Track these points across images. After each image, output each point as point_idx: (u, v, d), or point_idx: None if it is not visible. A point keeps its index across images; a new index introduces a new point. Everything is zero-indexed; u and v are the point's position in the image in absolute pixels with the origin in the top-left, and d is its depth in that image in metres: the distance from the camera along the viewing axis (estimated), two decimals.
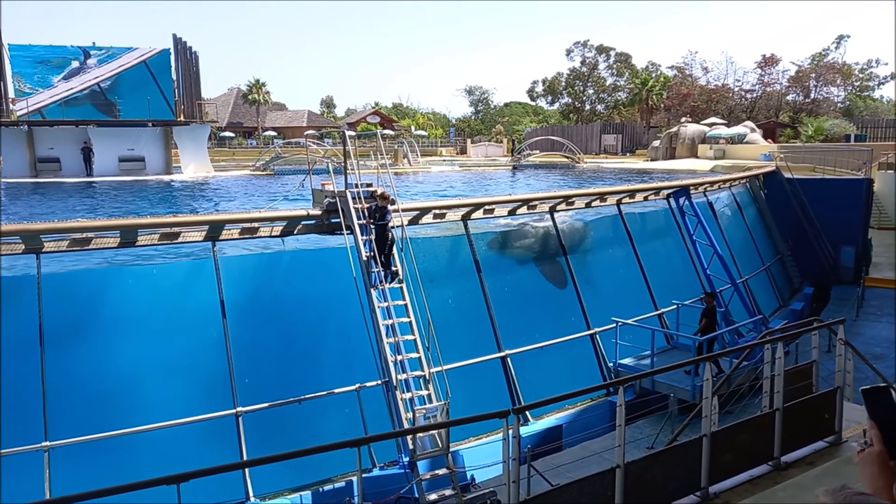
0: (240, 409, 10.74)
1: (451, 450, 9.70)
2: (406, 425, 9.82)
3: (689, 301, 16.76)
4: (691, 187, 19.10)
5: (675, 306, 16.02)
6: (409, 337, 10.72)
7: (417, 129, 74.99)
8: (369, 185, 12.13)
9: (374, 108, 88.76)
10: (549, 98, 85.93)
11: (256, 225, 12.00)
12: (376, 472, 10.37)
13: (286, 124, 76.14)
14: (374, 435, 10.32)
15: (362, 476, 6.05)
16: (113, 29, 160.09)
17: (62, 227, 10.47)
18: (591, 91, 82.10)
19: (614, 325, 14.28)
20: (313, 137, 51.93)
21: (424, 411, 9.63)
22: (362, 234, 11.38)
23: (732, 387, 10.69)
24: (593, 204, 17.27)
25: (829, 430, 7.96)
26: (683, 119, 58.26)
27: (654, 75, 72.33)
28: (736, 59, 74.44)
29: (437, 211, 13.90)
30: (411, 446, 9.32)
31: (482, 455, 10.10)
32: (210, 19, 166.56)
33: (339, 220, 11.79)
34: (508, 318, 14.08)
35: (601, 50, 79.42)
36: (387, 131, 61.99)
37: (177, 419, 10.24)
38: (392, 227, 11.37)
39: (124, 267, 12.11)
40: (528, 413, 12.74)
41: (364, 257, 11.17)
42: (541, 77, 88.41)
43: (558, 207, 16.22)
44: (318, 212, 12.12)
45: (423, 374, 10.54)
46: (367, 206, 11.51)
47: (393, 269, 11.24)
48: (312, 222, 12.27)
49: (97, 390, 10.46)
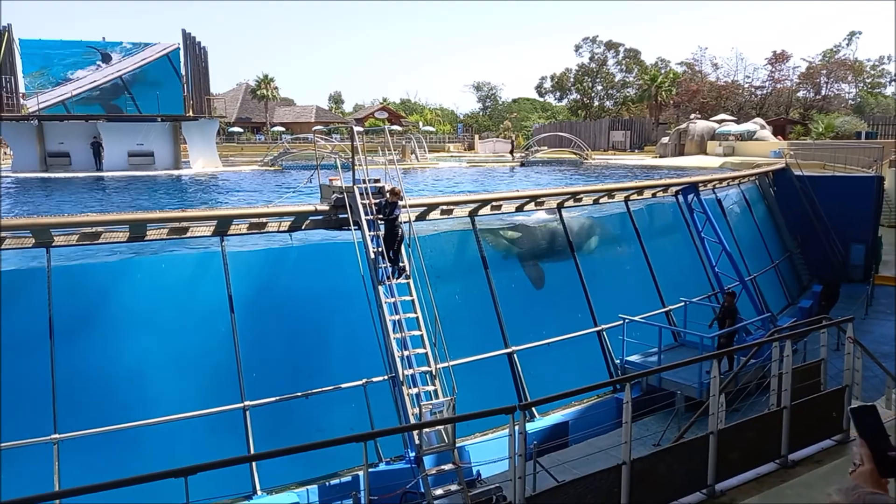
0: (247, 403, 10.79)
1: (457, 445, 9.72)
2: (412, 420, 9.85)
3: (696, 298, 16.73)
4: (700, 184, 19.01)
5: (682, 303, 15.97)
6: (416, 332, 10.73)
7: (425, 124, 74.94)
8: (377, 180, 12.14)
9: (382, 103, 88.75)
10: (558, 94, 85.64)
11: (264, 220, 12.03)
12: (382, 467, 10.42)
13: (294, 120, 76.24)
14: (380, 430, 10.38)
15: (368, 471, 6.08)
16: (122, 25, 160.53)
17: (72, 222, 10.53)
18: (599, 87, 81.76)
19: (621, 321, 14.25)
20: (321, 133, 52.02)
21: (431, 407, 9.65)
22: (370, 230, 11.40)
23: (740, 384, 10.66)
24: (601, 200, 17.22)
25: (837, 428, 7.93)
26: (693, 115, 57.88)
27: (663, 71, 71.95)
28: (746, 56, 74.14)
29: (445, 207, 13.90)
30: (417, 441, 9.34)
31: (488, 451, 10.11)
32: (219, 15, 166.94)
33: (346, 215, 11.80)
34: (515, 314, 14.07)
35: (610, 46, 79.06)
36: (394, 127, 62.00)
37: (185, 413, 10.30)
38: (400, 223, 11.38)
39: (133, 260, 12.17)
40: (534, 409, 12.74)
41: (372, 253, 11.19)
42: (549, 73, 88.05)
43: (566, 204, 16.18)
44: (325, 207, 12.14)
45: (429, 369, 10.56)
46: (376, 202, 11.53)
47: (400, 264, 11.25)
48: (320, 218, 12.29)
49: (106, 383, 10.53)
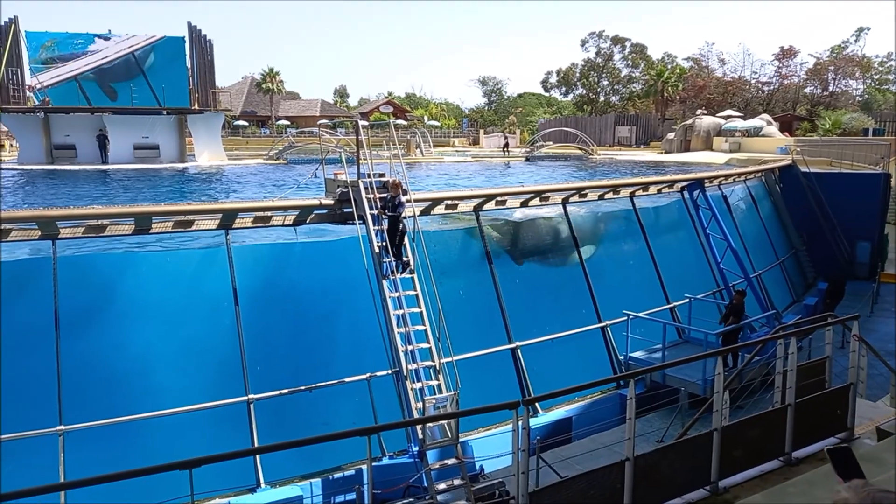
0: (251, 396, 10.83)
1: (461, 440, 9.74)
2: (416, 415, 9.87)
3: (701, 295, 16.69)
4: (706, 180, 18.95)
5: (687, 300, 15.94)
6: (420, 327, 10.75)
7: (430, 119, 74.81)
8: (382, 175, 12.13)
9: (387, 97, 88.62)
10: (563, 89, 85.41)
11: (269, 214, 12.05)
12: (386, 461, 10.45)
13: (299, 113, 76.24)
14: (384, 424, 10.38)
15: (372, 465, 6.09)
16: (128, 20, 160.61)
17: (78, 214, 10.57)
18: (605, 82, 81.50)
19: (625, 317, 14.23)
20: (326, 127, 51.99)
21: (434, 401, 9.67)
22: (374, 224, 11.40)
23: (744, 382, 10.64)
24: (606, 196, 17.18)
25: (842, 426, 7.90)
26: (699, 111, 57.68)
27: (669, 67, 71.65)
28: (753, 51, 73.55)
29: (450, 202, 13.89)
30: (421, 436, 9.36)
31: (491, 446, 10.12)
32: (225, 8, 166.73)
33: (351, 209, 11.81)
34: (519, 309, 14.07)
35: (616, 41, 78.76)
36: (399, 121, 61.95)
37: (189, 405, 10.34)
38: (404, 218, 11.38)
39: (139, 253, 12.20)
40: (537, 405, 12.76)
41: (376, 247, 11.19)
42: (555, 68, 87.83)
43: (571, 199, 16.15)
44: (330, 201, 12.15)
45: (433, 364, 10.57)
46: (381, 197, 11.53)
47: (404, 259, 11.26)
48: (325, 212, 12.30)
49: (111, 375, 10.57)
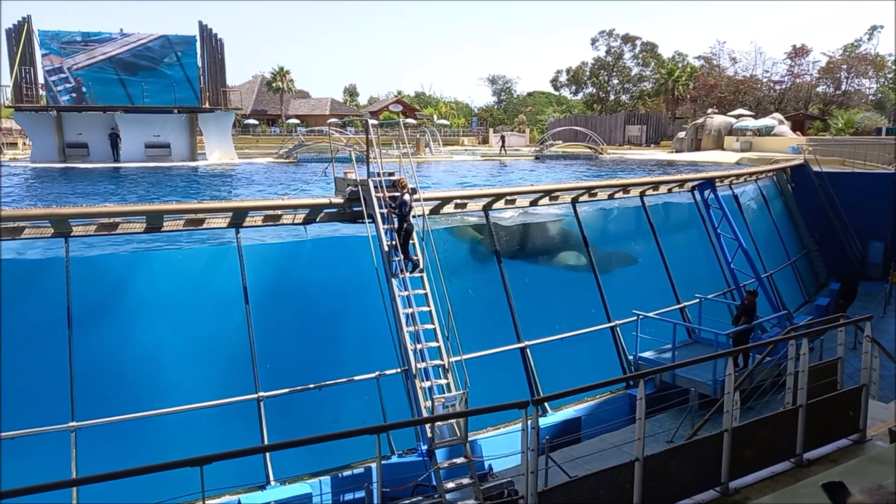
0: (261, 393, 10.88)
1: (470, 439, 9.74)
2: (425, 413, 9.88)
3: (712, 295, 16.61)
4: (717, 180, 18.84)
5: (697, 300, 15.87)
6: (429, 326, 10.75)
7: (440, 118, 74.81)
8: (391, 174, 12.14)
9: (396, 96, 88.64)
10: (573, 88, 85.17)
11: (279, 212, 12.09)
12: (395, 460, 10.46)
13: (309, 112, 76.41)
14: (393, 423, 10.41)
15: (381, 463, 6.10)
16: (139, 19, 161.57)
17: (90, 212, 10.65)
18: (615, 81, 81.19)
19: (635, 317, 14.19)
20: (336, 126, 52.06)
21: (443, 400, 9.67)
22: (384, 223, 11.42)
23: (755, 382, 10.58)
24: (616, 195, 17.12)
25: (854, 427, 7.85)
26: (710, 110, 57.35)
27: (680, 65, 71.26)
28: (765, 50, 73.23)
29: (459, 201, 13.88)
30: (430, 434, 9.37)
31: (500, 445, 10.12)
32: (235, 7, 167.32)
33: (360, 208, 11.83)
34: (528, 308, 14.05)
35: (627, 39, 78.43)
36: (409, 120, 61.90)
37: (200, 402, 10.40)
38: (414, 217, 11.39)
39: (150, 252, 12.29)
40: (546, 404, 12.74)
41: (385, 246, 11.21)
42: (565, 66, 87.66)
43: (580, 198, 16.11)
44: (340, 200, 12.18)
45: (442, 363, 10.58)
46: (390, 195, 11.54)
47: (413, 258, 11.27)
48: (334, 210, 12.33)
49: (123, 372, 10.65)
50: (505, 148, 51.17)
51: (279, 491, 10.02)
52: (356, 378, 11.51)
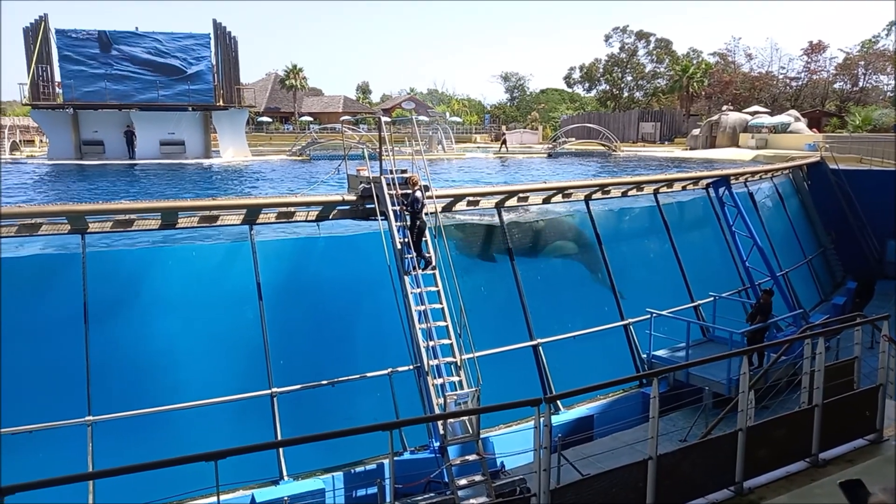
0: (275, 389, 10.95)
1: (482, 436, 9.74)
2: (437, 410, 9.89)
3: (726, 293, 16.49)
4: (731, 177, 18.69)
5: (711, 298, 15.76)
6: (441, 323, 10.76)
7: (452, 115, 74.74)
8: (404, 171, 12.16)
9: (409, 94, 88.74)
10: (587, 85, 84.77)
11: (292, 209, 12.15)
12: (407, 456, 10.48)
13: (322, 110, 76.63)
14: (406, 419, 10.44)
15: (394, 459, 6.12)
16: (153, 15, 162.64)
17: (106, 209, 10.75)
18: (629, 78, 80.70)
19: (649, 316, 14.11)
20: (349, 123, 52.19)
21: (455, 397, 9.68)
22: (396, 220, 11.44)
23: (770, 382, 10.49)
24: (629, 193, 17.03)
25: (870, 427, 7.77)
26: (725, 107, 56.87)
27: (695, 62, 70.69)
28: (781, 46, 71.95)
29: (471, 198, 13.87)
30: (442, 431, 9.38)
31: (512, 442, 10.13)
32: (248, 5, 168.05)
33: (373, 205, 11.86)
34: (541, 306, 14.02)
35: (641, 36, 77.93)
36: (421, 117, 61.91)
37: (214, 398, 10.48)
38: (426, 214, 11.39)
39: (164, 248, 12.39)
40: (559, 402, 12.71)
41: (398, 243, 11.23)
42: (578, 63, 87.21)
43: (593, 196, 16.03)
44: (353, 197, 12.21)
45: (454, 360, 10.59)
46: (403, 193, 11.56)
47: (426, 255, 11.27)
48: (347, 207, 12.37)
49: (138, 367, 10.75)
50: (506, 145, 50.79)
51: (292, 486, 10.07)
52: (369, 374, 11.55)
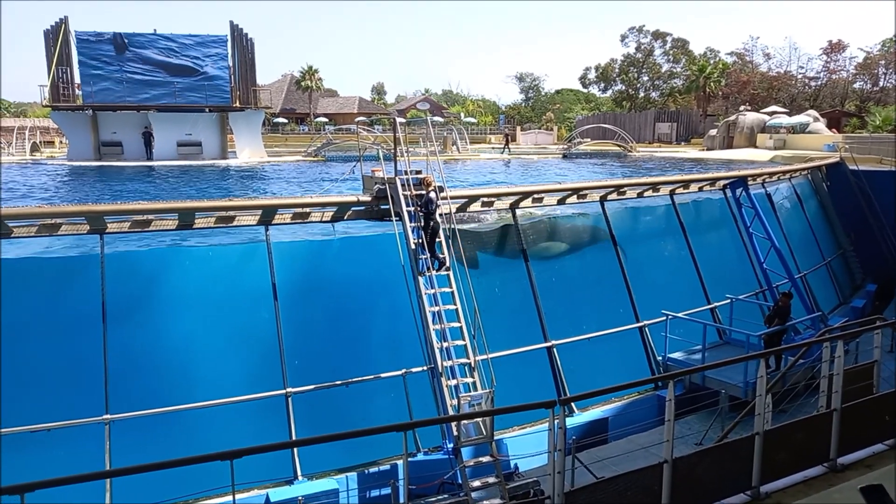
0: (289, 389, 11.00)
1: (496, 438, 9.72)
2: (450, 412, 9.89)
3: (743, 296, 16.33)
4: (749, 178, 18.52)
5: (728, 300, 15.62)
6: (455, 324, 10.76)
7: (467, 116, 74.75)
8: (418, 172, 12.18)
9: (424, 94, 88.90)
10: (602, 85, 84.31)
11: (308, 210, 12.21)
12: (421, 457, 10.49)
13: (337, 111, 76.99)
14: (420, 420, 10.45)
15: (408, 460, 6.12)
16: (170, 17, 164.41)
17: (124, 209, 10.87)
18: (645, 78, 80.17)
19: (664, 318, 14.01)
20: (364, 124, 52.40)
21: (469, 398, 9.67)
22: (411, 221, 11.45)
23: (787, 385, 10.38)
24: (645, 194, 16.92)
25: (890, 432, 7.66)
26: (742, 107, 56.34)
27: (712, 62, 70.10)
28: (800, 45, 71.24)
29: (486, 199, 13.85)
30: (456, 433, 9.37)
31: (526, 444, 10.09)
32: (264, 6, 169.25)
33: (388, 206, 11.88)
34: (555, 307, 13.97)
35: (657, 35, 77.40)
36: (436, 118, 61.99)
37: (230, 397, 10.56)
38: (441, 214, 11.40)
39: (181, 248, 12.50)
40: (573, 404, 12.66)
41: (412, 244, 11.24)
42: (594, 63, 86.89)
43: (609, 197, 15.95)
44: (367, 198, 12.25)
45: (468, 361, 10.58)
46: (417, 194, 11.57)
47: (440, 256, 11.28)
48: (362, 208, 12.41)
49: (155, 366, 10.86)
50: (510, 147, 50.39)
51: (306, 486, 10.12)
52: (383, 375, 11.57)
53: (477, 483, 9.06)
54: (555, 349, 13.41)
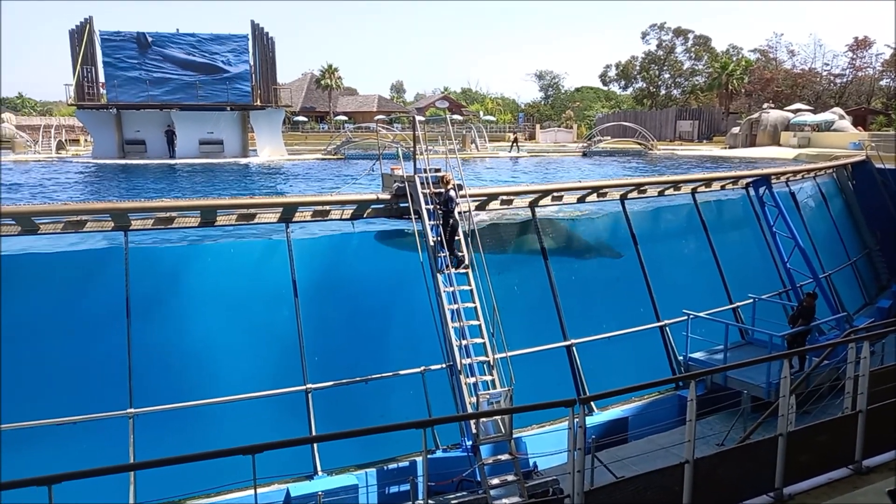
0: (310, 385, 11.08)
1: (514, 436, 9.71)
2: (469, 409, 9.89)
3: (766, 295, 16.13)
4: (772, 176, 18.27)
5: (751, 300, 15.44)
6: (474, 322, 10.75)
7: (486, 114, 74.63)
8: (438, 170, 12.19)
9: (443, 93, 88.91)
10: (623, 83, 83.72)
11: (328, 208, 12.28)
12: (440, 454, 10.51)
13: (357, 109, 77.27)
14: (439, 417, 10.47)
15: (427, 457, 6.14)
16: (192, 16, 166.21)
17: (148, 207, 11.02)
18: (666, 75, 79.45)
19: (686, 317, 13.88)
20: (383, 122, 52.50)
21: (488, 396, 9.67)
22: (430, 219, 11.47)
23: (811, 386, 10.23)
24: (666, 192, 16.76)
25: None
26: (766, 105, 55.57)
27: (735, 59, 69.26)
28: (825, 42, 70.03)
29: (505, 197, 13.83)
30: (474, 430, 9.38)
31: (544, 443, 10.07)
32: (285, 6, 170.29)
33: (407, 204, 11.91)
34: (575, 306, 13.90)
35: (679, 32, 76.65)
36: (455, 116, 61.95)
37: (251, 392, 10.66)
38: (460, 213, 11.40)
39: (203, 244, 12.64)
40: (592, 403, 12.60)
41: (431, 242, 11.26)
42: (614, 61, 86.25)
43: (629, 195, 15.83)
44: (387, 196, 12.29)
45: (487, 359, 10.57)
46: (436, 192, 11.59)
47: (459, 254, 11.28)
48: (381, 206, 12.45)
49: (178, 361, 11.00)
50: (518, 145, 49.57)
51: (326, 481, 10.19)
52: (402, 372, 11.61)
53: (495, 481, 9.06)
54: (574, 348, 13.35)
